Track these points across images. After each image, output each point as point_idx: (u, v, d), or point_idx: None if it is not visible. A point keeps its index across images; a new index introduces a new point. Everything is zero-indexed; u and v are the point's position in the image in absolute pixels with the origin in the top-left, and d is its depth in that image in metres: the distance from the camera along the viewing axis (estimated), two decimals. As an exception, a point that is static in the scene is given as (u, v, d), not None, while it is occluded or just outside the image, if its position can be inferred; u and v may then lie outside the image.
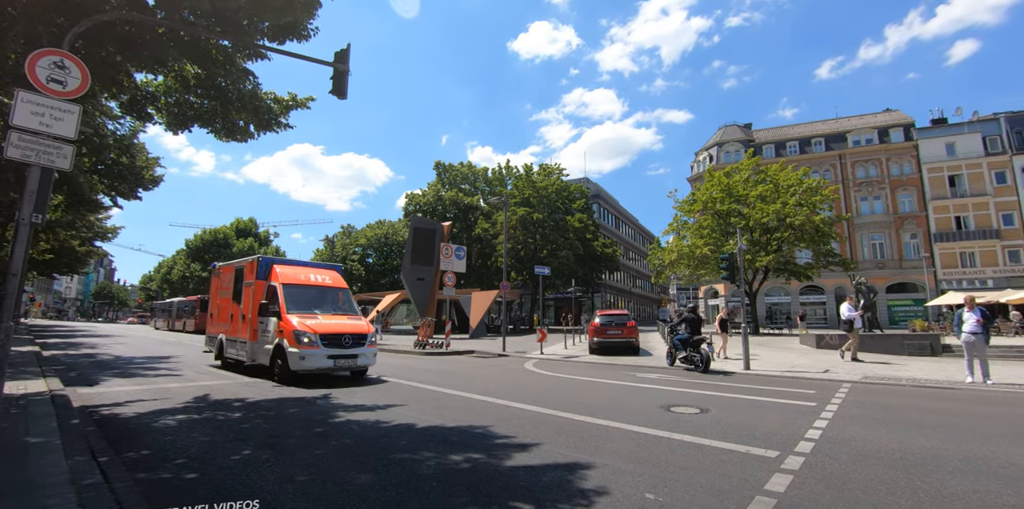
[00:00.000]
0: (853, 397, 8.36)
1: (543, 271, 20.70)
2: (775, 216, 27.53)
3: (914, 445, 5.18)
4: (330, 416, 6.66)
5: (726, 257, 13.42)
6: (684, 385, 9.77)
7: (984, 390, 9.24)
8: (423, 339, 18.14)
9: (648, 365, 13.51)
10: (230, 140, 8.27)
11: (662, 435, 5.57)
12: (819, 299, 44.08)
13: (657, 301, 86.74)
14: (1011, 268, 38.99)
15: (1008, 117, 42.46)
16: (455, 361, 15.06)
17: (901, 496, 3.71)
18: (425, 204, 41.67)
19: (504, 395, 8.37)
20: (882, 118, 47.90)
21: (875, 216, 43.38)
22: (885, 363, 13.62)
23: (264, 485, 3.90)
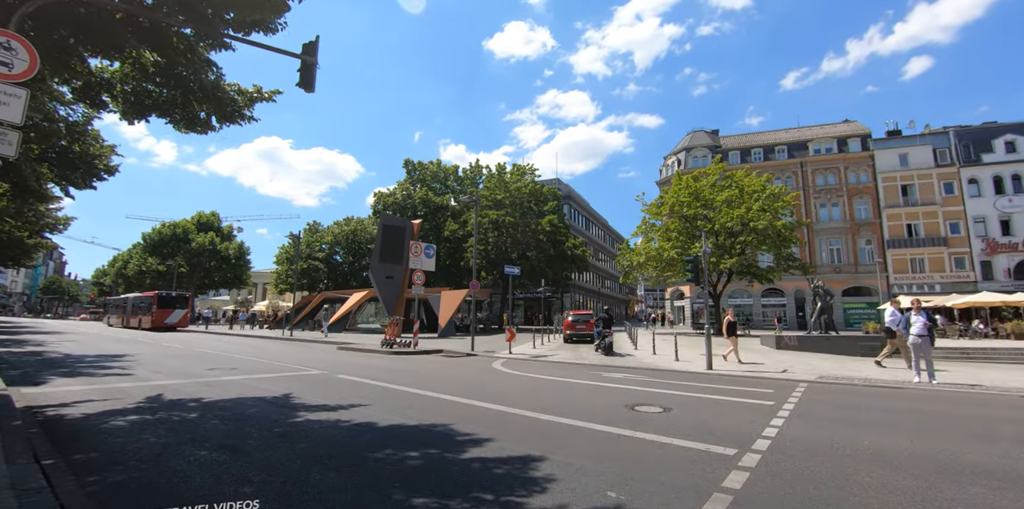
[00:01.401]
0: (808, 396, 8.66)
1: (513, 271, 20.78)
2: (739, 220, 28.30)
3: (863, 442, 5.40)
4: (291, 416, 6.50)
5: (691, 259, 13.72)
6: (649, 385, 9.94)
7: (929, 389, 9.72)
8: (390, 338, 17.92)
9: (615, 365, 13.68)
10: (190, 131, 7.97)
11: (625, 434, 5.65)
12: (779, 301, 45.52)
13: (625, 301, 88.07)
14: (956, 274, 41.14)
15: (957, 131, 44.80)
16: (422, 361, 14.93)
17: (850, 491, 3.86)
18: (394, 202, 41.16)
19: (470, 394, 8.34)
20: (841, 128, 49.82)
21: (833, 222, 45.07)
22: (839, 363, 14.17)
23: (220, 487, 3.78)
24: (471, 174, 44.44)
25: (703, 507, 3.52)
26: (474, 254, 19.85)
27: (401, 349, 17.40)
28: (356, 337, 25.85)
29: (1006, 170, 41.99)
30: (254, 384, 9.41)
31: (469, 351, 17.25)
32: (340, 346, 19.54)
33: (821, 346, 17.30)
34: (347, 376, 10.75)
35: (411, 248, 18.43)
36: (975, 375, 11.81)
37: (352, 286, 42.92)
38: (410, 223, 29.67)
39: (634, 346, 20.07)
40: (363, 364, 13.54)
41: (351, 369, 12.13)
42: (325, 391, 8.62)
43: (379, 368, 12.56)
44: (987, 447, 5.25)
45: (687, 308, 47.59)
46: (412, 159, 44.24)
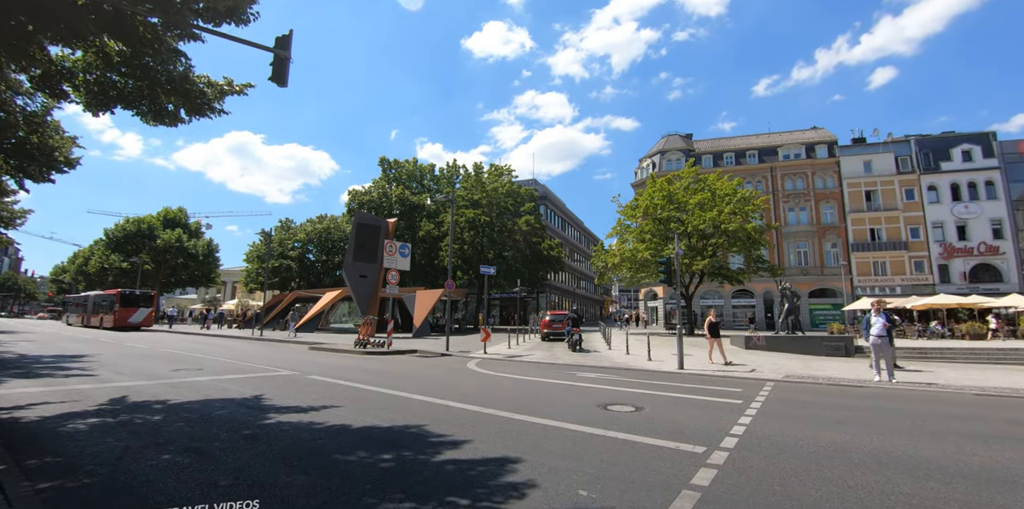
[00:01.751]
0: (775, 395, 8.90)
1: (488, 271, 20.79)
2: (711, 223, 28.88)
3: (825, 439, 5.57)
4: (260, 418, 6.37)
5: (664, 261, 13.94)
6: (622, 384, 10.06)
7: (888, 388, 10.09)
8: (364, 338, 17.70)
9: (589, 364, 13.80)
10: (158, 124, 7.72)
11: (597, 433, 5.71)
12: (749, 302, 46.58)
13: (600, 302, 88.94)
14: (916, 277, 42.80)
15: (917, 140, 46.61)
16: (396, 361, 14.80)
17: (812, 487, 3.98)
18: (369, 201, 40.65)
19: (444, 395, 8.31)
20: (809, 135, 51.31)
21: (801, 226, 46.37)
22: (804, 363, 14.59)
23: (184, 492, 3.68)
24: (448, 174, 44.24)
25: (672, 504, 3.58)
26: (450, 253, 19.75)
27: (375, 349, 17.22)
28: (328, 337, 25.47)
29: (963, 178, 43.87)
30: (222, 385, 9.18)
31: (444, 351, 17.18)
32: (312, 346, 19.23)
33: (788, 346, 17.80)
34: (319, 377, 10.58)
35: (386, 247, 18.24)
36: (931, 374, 12.31)
37: (325, 285, 42.24)
38: (385, 222, 29.37)
39: (608, 346, 20.28)
40: (335, 364, 13.35)
41: (323, 370, 11.94)
42: (296, 392, 8.47)
43: (352, 369, 12.40)
44: (940, 443, 5.48)
45: (660, 309, 48.31)
46: (388, 157, 43.81)
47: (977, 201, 43.14)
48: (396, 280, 17.72)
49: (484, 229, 37.43)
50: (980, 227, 42.70)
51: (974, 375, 12.14)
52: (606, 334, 22.97)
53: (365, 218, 30.09)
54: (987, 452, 5.11)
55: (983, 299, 32.91)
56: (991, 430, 6.23)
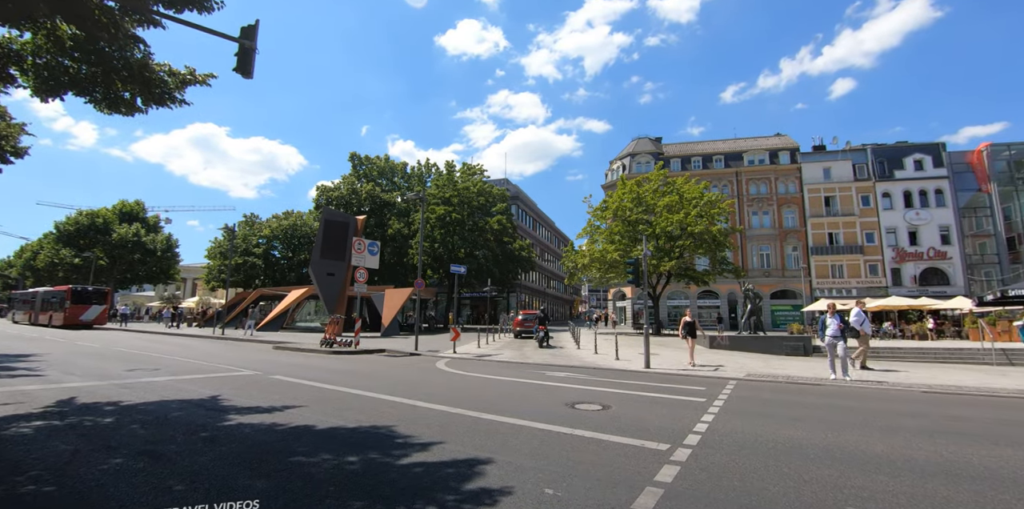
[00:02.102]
0: (737, 393, 9.15)
1: (459, 270, 20.68)
2: (679, 225, 29.50)
3: (783, 436, 5.76)
4: (219, 419, 6.17)
5: (632, 262, 14.16)
6: (590, 383, 10.16)
7: (843, 386, 10.50)
8: (330, 337, 17.38)
9: (558, 364, 13.90)
10: (113, 112, 7.37)
11: (565, 431, 5.75)
12: (714, 303, 47.76)
13: (570, 301, 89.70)
14: (870, 280, 44.70)
15: (873, 148, 48.69)
16: (364, 360, 14.58)
17: (770, 482, 4.11)
18: (338, 197, 39.92)
19: (412, 395, 8.23)
20: (773, 141, 52.95)
21: (764, 229, 47.82)
22: (765, 362, 15.05)
23: (137, 497, 3.53)
24: (419, 172, 43.82)
25: (636, 500, 3.64)
26: (420, 251, 19.57)
27: (341, 349, 16.92)
28: (294, 336, 24.90)
29: (915, 186, 46.05)
30: (179, 386, 8.86)
31: (412, 351, 17.02)
32: (276, 345, 18.77)
33: (751, 346, 18.32)
34: (282, 377, 10.33)
35: (354, 244, 17.95)
36: (882, 373, 12.86)
37: (290, 283, 41.29)
38: (354, 219, 28.92)
39: (577, 345, 20.47)
40: (300, 364, 13.06)
41: (287, 369, 11.67)
42: (258, 393, 8.24)
43: (317, 368, 12.15)
44: (890, 439, 5.73)
45: (628, 309, 49.07)
46: (359, 153, 43.05)
47: (927, 208, 45.35)
48: (364, 278, 17.46)
49: (455, 227, 37.24)
50: (930, 233, 44.91)
51: (922, 373, 12.75)
52: (575, 333, 23.20)
53: (333, 215, 29.56)
54: (932, 446, 5.37)
55: (931, 301, 34.58)
56: (936, 425, 6.55)
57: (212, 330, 29.90)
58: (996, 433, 6.17)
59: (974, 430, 6.32)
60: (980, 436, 5.95)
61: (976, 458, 4.95)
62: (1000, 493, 3.95)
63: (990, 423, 6.90)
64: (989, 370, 14.01)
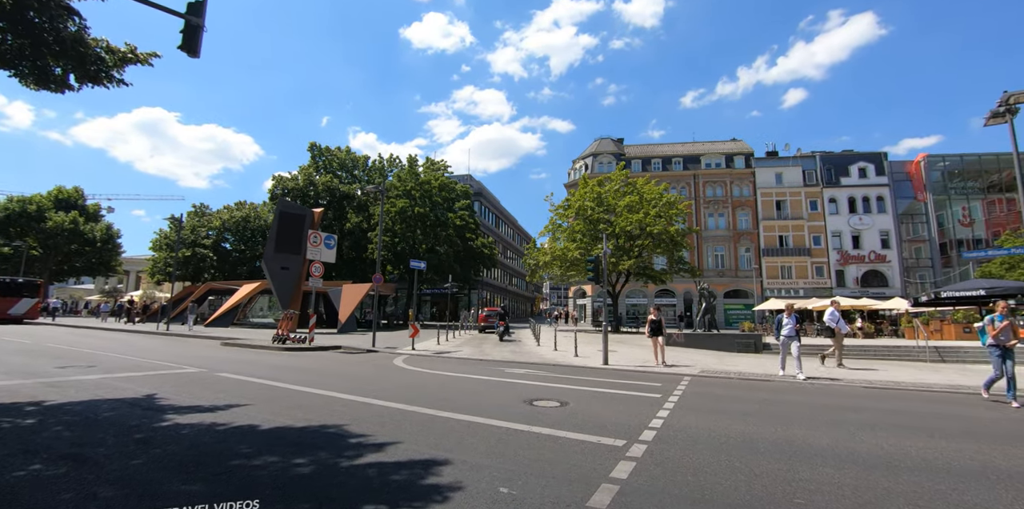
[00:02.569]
0: (691, 389, 9.34)
1: (418, 265, 20.30)
2: (638, 225, 30.03)
3: (735, 430, 5.88)
4: (156, 419, 5.79)
5: (593, 259, 14.28)
6: (548, 380, 10.16)
7: (792, 382, 10.89)
8: (283, 333, 16.77)
9: (517, 360, 13.86)
10: (41, 88, 6.79)
11: (522, 429, 5.68)
12: (671, 301, 48.95)
13: (531, 299, 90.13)
14: (816, 281, 46.83)
15: (822, 156, 51.00)
16: (318, 357, 14.13)
17: (722, 476, 4.16)
18: (295, 188, 38.59)
19: (366, 392, 7.99)
20: (729, 146, 54.69)
21: (719, 231, 49.35)
22: (719, 358, 15.49)
23: (54, 504, 3.23)
24: (381, 165, 42.88)
25: (592, 497, 3.60)
26: (379, 246, 19.12)
27: (295, 345, 16.36)
28: (245, 332, 23.94)
29: (858, 193, 48.52)
30: (114, 384, 8.32)
31: (370, 347, 16.63)
32: (224, 342, 17.97)
33: (705, 343, 18.84)
34: (229, 374, 9.86)
35: (310, 237, 17.36)
36: (829, 370, 13.43)
37: (243, 277, 39.74)
38: (310, 211, 28.05)
39: (537, 342, 20.52)
40: (250, 361, 12.53)
41: (235, 366, 11.16)
42: (201, 391, 7.82)
43: (268, 365, 11.68)
44: (835, 432, 5.94)
45: (588, 306, 49.72)
46: (319, 143, 41.74)
47: (870, 214, 47.87)
48: (320, 273, 16.93)
49: (416, 222, 36.66)
50: (871, 237, 47.43)
51: (862, 370, 13.38)
52: (535, 331, 23.27)
53: (289, 206, 28.57)
54: (874, 439, 5.59)
55: (872, 302, 36.55)
56: (877, 419, 6.85)
57: (156, 325, 28.42)
58: (931, 426, 6.50)
59: (911, 423, 6.64)
60: (917, 429, 6.25)
61: (914, 450, 5.18)
62: (936, 483, 4.13)
63: (925, 416, 7.27)
64: (923, 366, 14.88)
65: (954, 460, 4.84)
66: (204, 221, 42.12)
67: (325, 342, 17.96)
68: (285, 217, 26.51)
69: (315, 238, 17.29)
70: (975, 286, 22.03)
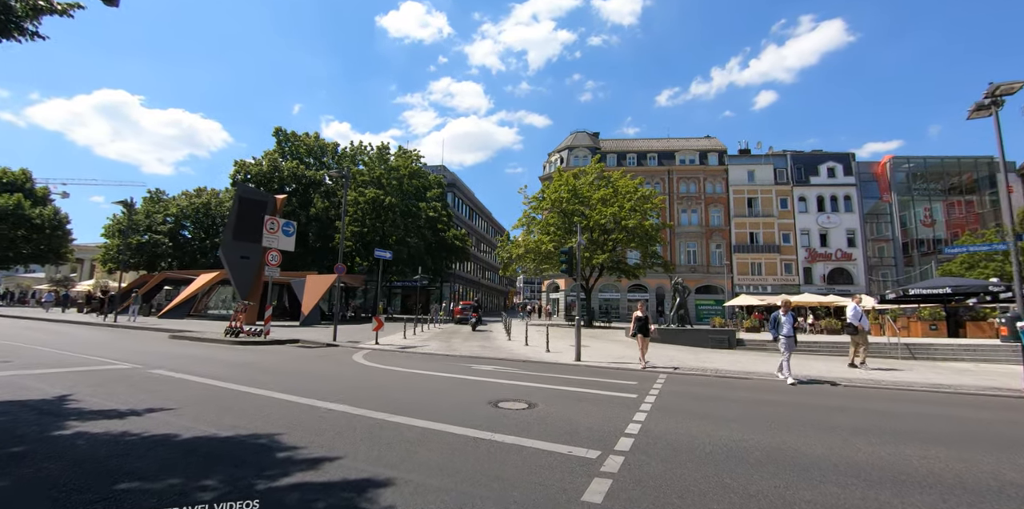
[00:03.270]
0: (668, 387, 8.82)
1: (384, 255, 19.32)
2: (612, 218, 29.62)
3: (721, 437, 5.31)
4: (52, 427, 4.89)
5: (566, 251, 13.65)
6: (517, 378, 9.51)
7: (769, 380, 10.49)
8: (237, 326, 15.68)
9: (485, 356, 13.18)
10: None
11: (483, 437, 5.00)
12: (643, 296, 48.99)
13: (504, 293, 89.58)
14: (785, 277, 47.52)
15: (792, 155, 51.67)
16: (271, 352, 13.16)
17: (713, 498, 3.56)
18: (259, 174, 36.79)
19: (315, 392, 7.19)
20: (703, 143, 54.92)
21: (692, 227, 49.57)
22: (694, 354, 15.11)
23: None
24: (352, 153, 41.28)
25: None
26: (343, 233, 18.11)
27: (250, 338, 15.32)
28: (201, 324, 22.59)
29: (827, 192, 49.36)
30: (24, 382, 7.30)
31: (330, 341, 15.71)
32: (173, 334, 16.77)
33: (678, 338, 18.50)
34: (166, 371, 8.89)
35: (267, 223, 16.24)
36: (804, 365, 13.15)
37: (203, 266, 37.89)
38: (272, 197, 26.76)
39: (508, 337, 19.89)
40: (195, 356, 11.52)
41: (177, 363, 10.16)
42: (124, 391, 6.89)
43: (213, 361, 10.71)
44: (828, 438, 5.44)
45: (562, 301, 49.39)
46: (285, 128, 39.90)
47: (837, 213, 48.75)
48: (278, 261, 15.88)
49: (387, 212, 35.44)
50: (838, 236, 48.34)
51: (838, 367, 13.14)
52: (507, 324, 22.63)
53: (249, 192, 27.19)
54: (870, 447, 5.10)
55: (839, 299, 37.20)
56: (867, 423, 6.39)
57: (104, 317, 26.72)
58: (923, 430, 6.09)
59: (903, 427, 6.21)
60: (911, 434, 5.80)
61: (915, 459, 4.69)
62: (954, 505, 3.61)
63: (913, 418, 6.88)
64: (896, 364, 14.77)
65: (963, 473, 4.35)
66: (160, 207, 39.93)
67: (283, 335, 16.94)
68: (245, 203, 25.17)
69: (272, 224, 16.19)
70: (941, 284, 22.37)
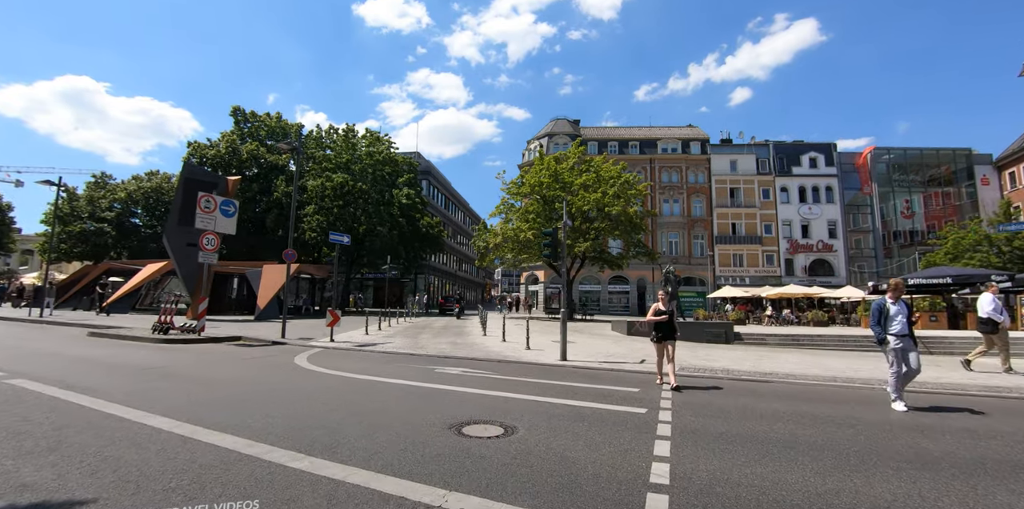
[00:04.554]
0: (681, 397, 7.06)
1: (340, 239, 16.93)
2: (595, 205, 27.91)
3: (795, 484, 3.53)
4: None
5: (550, 232, 11.77)
6: (490, 385, 7.64)
7: (795, 384, 8.85)
8: (167, 321, 13.42)
9: (455, 355, 11.29)
10: None
11: (428, 503, 3.10)
12: (624, 289, 47.73)
13: (482, 285, 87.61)
14: (766, 269, 46.72)
15: (775, 145, 50.81)
16: (198, 353, 11.01)
17: None
18: (215, 156, 33.90)
19: (210, 414, 5.18)
20: (685, 132, 53.69)
21: (673, 217, 48.35)
22: (692, 351, 13.47)
23: None
24: (318, 134, 38.57)
25: None
26: (292, 212, 15.94)
27: (181, 335, 13.10)
28: (135, 320, 20.08)
29: (808, 182, 48.65)
30: None
31: (277, 339, 13.59)
32: (93, 332, 14.41)
33: (670, 333, 16.91)
34: (28, 381, 6.75)
35: (200, 201, 13.94)
36: (817, 363, 11.62)
37: (153, 256, 34.94)
38: (224, 178, 24.22)
39: (483, 332, 18.01)
40: (96, 359, 9.34)
41: (63, 367, 8.01)
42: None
43: (116, 366, 8.57)
44: (962, 483, 3.70)
45: (541, 293, 47.73)
46: (244, 107, 36.96)
47: (819, 203, 48.10)
48: (215, 246, 13.66)
49: (356, 199, 33.01)
50: (819, 226, 47.72)
51: (866, 366, 11.64)
52: (483, 318, 20.71)
53: (197, 172, 24.60)
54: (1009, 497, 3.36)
55: (822, 290, 36.39)
56: (990, 451, 4.71)
57: (28, 311, 23.89)
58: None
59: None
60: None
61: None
62: None
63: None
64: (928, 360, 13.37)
65: None
66: (106, 192, 36.71)
67: (225, 331, 14.75)
68: (192, 184, 22.52)
69: (207, 202, 13.89)
70: (942, 273, 21.28)
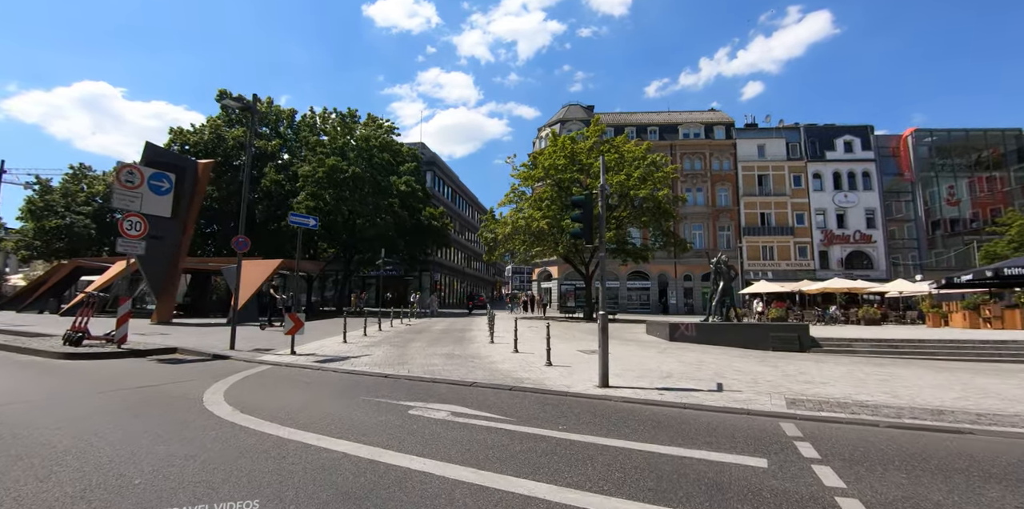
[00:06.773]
0: (848, 471, 3.77)
1: (306, 222, 13.34)
2: (619, 189, 24.51)
3: None
4: None
5: (580, 200, 8.37)
6: (494, 452, 4.40)
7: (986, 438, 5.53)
8: (79, 328, 10.37)
9: (449, 379, 8.07)
10: None
11: None
12: (644, 285, 44.28)
13: (492, 283, 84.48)
14: (799, 262, 43.02)
15: (806, 128, 46.96)
16: (95, 374, 7.89)
17: None
18: (197, 143, 30.99)
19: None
20: (708, 116, 50.03)
21: (697, 207, 44.77)
22: (772, 365, 10.08)
23: None
24: (311, 121, 35.54)
25: None
26: (245, 190, 12.87)
27: (94, 348, 10.06)
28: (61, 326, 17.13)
29: (844, 168, 44.79)
30: None
31: (220, 351, 10.46)
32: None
33: (725, 337, 13.55)
34: None
35: (120, 175, 10.80)
36: (984, 388, 8.25)
37: (135, 253, 32.16)
38: (194, 162, 21.29)
39: (490, 338, 14.75)
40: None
41: None
42: None
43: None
44: None
45: (555, 290, 44.37)
46: (231, 91, 33.99)
47: (855, 191, 44.27)
48: (141, 232, 10.60)
49: (352, 187, 29.82)
50: (856, 216, 43.91)
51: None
52: (490, 320, 17.48)
53: (162, 154, 21.53)
54: None
55: (868, 284, 32.65)
56: None
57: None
58: None
59: None
60: None
61: None
62: None
63: None
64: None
65: None
66: (84, 185, 33.99)
67: (160, 341, 11.69)
68: (156, 168, 19.71)
69: (130, 176, 10.73)
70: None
